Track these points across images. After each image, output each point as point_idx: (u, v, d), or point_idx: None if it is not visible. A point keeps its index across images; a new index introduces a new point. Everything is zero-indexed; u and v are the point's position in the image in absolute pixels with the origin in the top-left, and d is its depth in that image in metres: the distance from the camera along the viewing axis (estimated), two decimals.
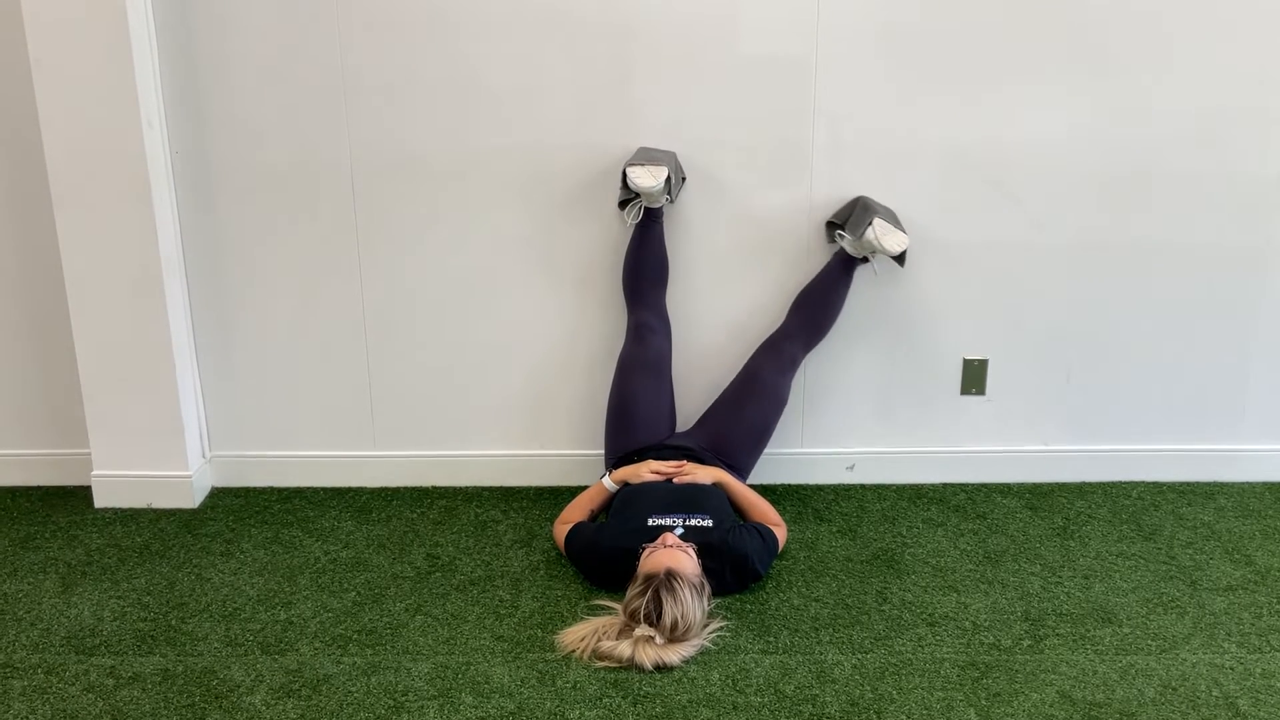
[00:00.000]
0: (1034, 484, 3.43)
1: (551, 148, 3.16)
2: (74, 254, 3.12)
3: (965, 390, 3.37)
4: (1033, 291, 3.29)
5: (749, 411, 3.15)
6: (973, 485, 3.42)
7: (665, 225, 3.16)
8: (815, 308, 3.20)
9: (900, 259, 3.07)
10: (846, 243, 3.09)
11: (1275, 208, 3.22)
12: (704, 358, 3.33)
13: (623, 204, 3.11)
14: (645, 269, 3.16)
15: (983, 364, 3.35)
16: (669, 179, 2.96)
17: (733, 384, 3.22)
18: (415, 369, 3.37)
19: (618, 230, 3.21)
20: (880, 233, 2.98)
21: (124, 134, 3.01)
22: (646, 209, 3.08)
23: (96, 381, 3.22)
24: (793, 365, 3.20)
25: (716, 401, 3.23)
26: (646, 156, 3.03)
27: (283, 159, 3.18)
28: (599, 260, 3.25)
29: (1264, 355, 3.35)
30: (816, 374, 3.35)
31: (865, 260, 3.14)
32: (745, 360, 3.23)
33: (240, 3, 3.05)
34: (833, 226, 3.17)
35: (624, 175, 2.97)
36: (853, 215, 3.10)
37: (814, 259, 3.24)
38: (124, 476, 3.30)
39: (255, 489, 3.44)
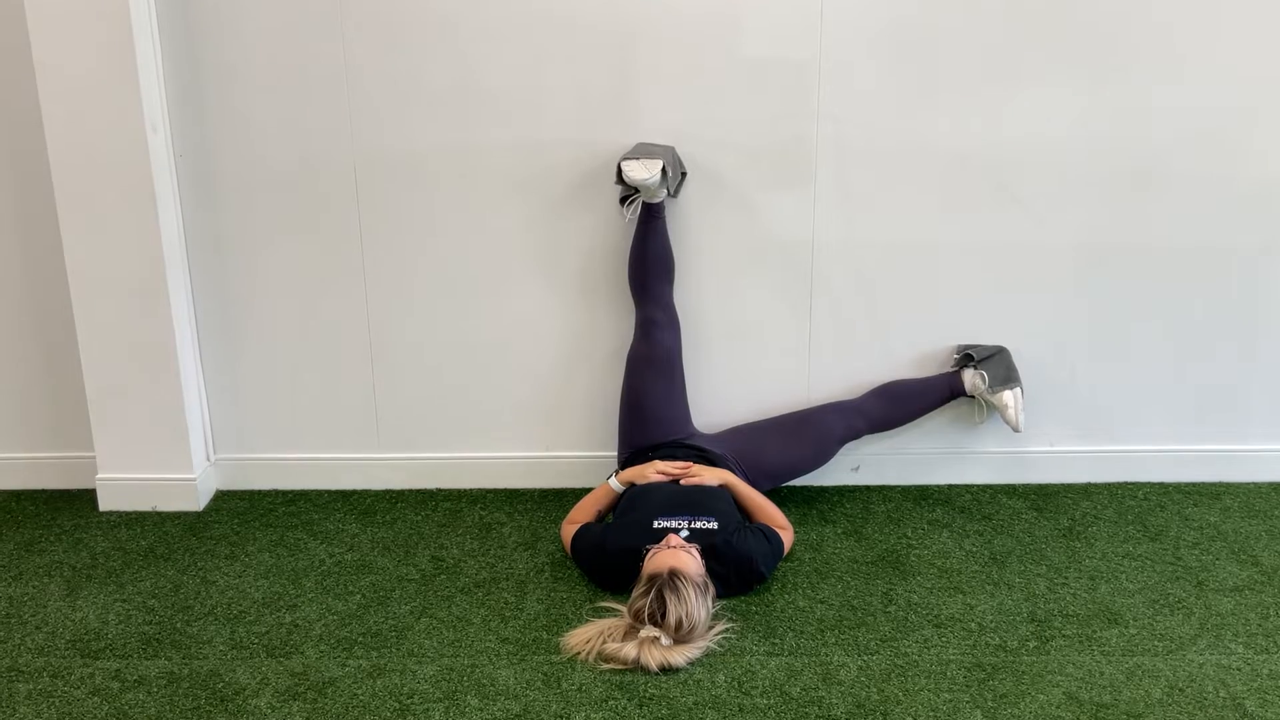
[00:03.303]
0: (1039, 485, 3.42)
1: (555, 149, 3.16)
2: (78, 257, 3.12)
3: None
4: (1036, 292, 3.28)
5: (796, 451, 3.18)
6: (978, 486, 3.42)
7: (669, 222, 3.16)
8: (900, 406, 3.25)
9: (1016, 425, 3.19)
10: (976, 384, 3.16)
11: (1278, 206, 3.21)
12: (707, 358, 3.33)
13: (623, 200, 3.11)
14: (650, 265, 3.16)
15: None
16: (665, 171, 2.95)
17: (788, 419, 3.23)
18: (420, 370, 3.36)
19: (622, 230, 3.20)
20: (1017, 407, 3.14)
21: (127, 136, 3.01)
22: (646, 204, 3.08)
23: (101, 384, 3.22)
24: (852, 437, 3.25)
25: (763, 425, 3.24)
26: (642, 150, 3.03)
27: (286, 161, 3.18)
28: (604, 260, 3.25)
29: (1269, 355, 3.35)
30: (820, 375, 3.35)
31: (973, 397, 3.22)
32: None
33: (243, 4, 3.05)
34: (968, 358, 3.22)
35: (619, 169, 2.97)
36: (994, 361, 3.18)
37: (817, 260, 3.24)
38: (128, 480, 3.31)
39: (260, 492, 3.44)
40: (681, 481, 2.96)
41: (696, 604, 2.54)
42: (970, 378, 3.19)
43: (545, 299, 3.29)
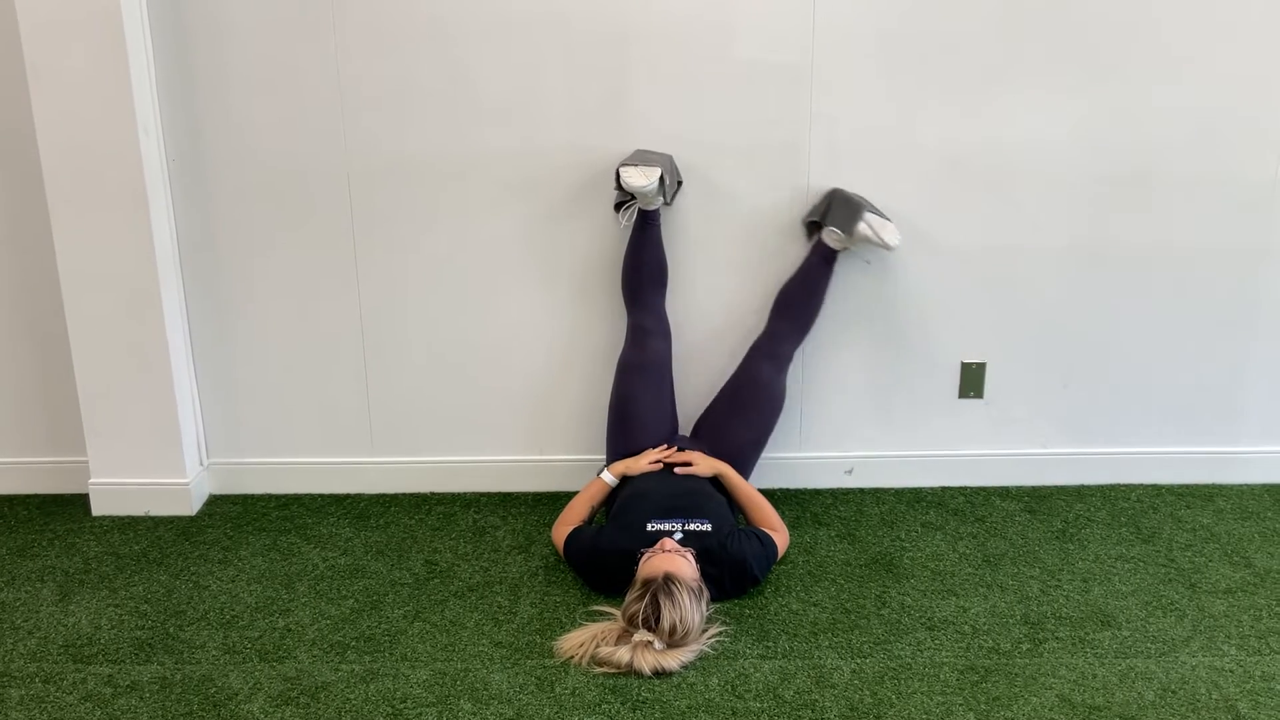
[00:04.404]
0: (1032, 487, 3.42)
1: (549, 153, 3.16)
2: (71, 261, 3.11)
3: (963, 394, 3.37)
4: (1031, 294, 3.29)
5: (751, 417, 3.16)
6: (971, 488, 3.42)
7: (663, 228, 3.16)
8: (801, 306, 3.19)
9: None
10: (836, 239, 3.08)
11: (1273, 209, 3.22)
12: (702, 361, 3.33)
13: (618, 206, 3.11)
14: (643, 272, 3.16)
15: (981, 367, 3.35)
16: (663, 180, 2.95)
17: (729, 391, 3.21)
18: (413, 374, 3.36)
19: (615, 234, 3.21)
20: (877, 227, 3.00)
21: (120, 140, 3.01)
22: (642, 211, 3.08)
23: (94, 389, 3.22)
24: (787, 364, 3.20)
25: (712, 410, 3.23)
26: (641, 157, 3.03)
27: (279, 165, 3.17)
28: (596, 265, 3.25)
29: (1262, 357, 3.35)
30: (814, 378, 3.35)
31: (845, 249, 3.14)
32: (737, 365, 3.23)
33: (236, 8, 3.05)
34: (814, 225, 3.16)
35: (617, 175, 2.97)
36: (832, 210, 3.09)
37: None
38: (121, 484, 3.30)
39: (253, 496, 3.43)
40: (677, 469, 2.97)
41: (691, 609, 2.54)
42: (828, 236, 3.10)
43: (538, 303, 3.29)
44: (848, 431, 3.41)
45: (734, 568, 2.76)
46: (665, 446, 3.09)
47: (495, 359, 3.35)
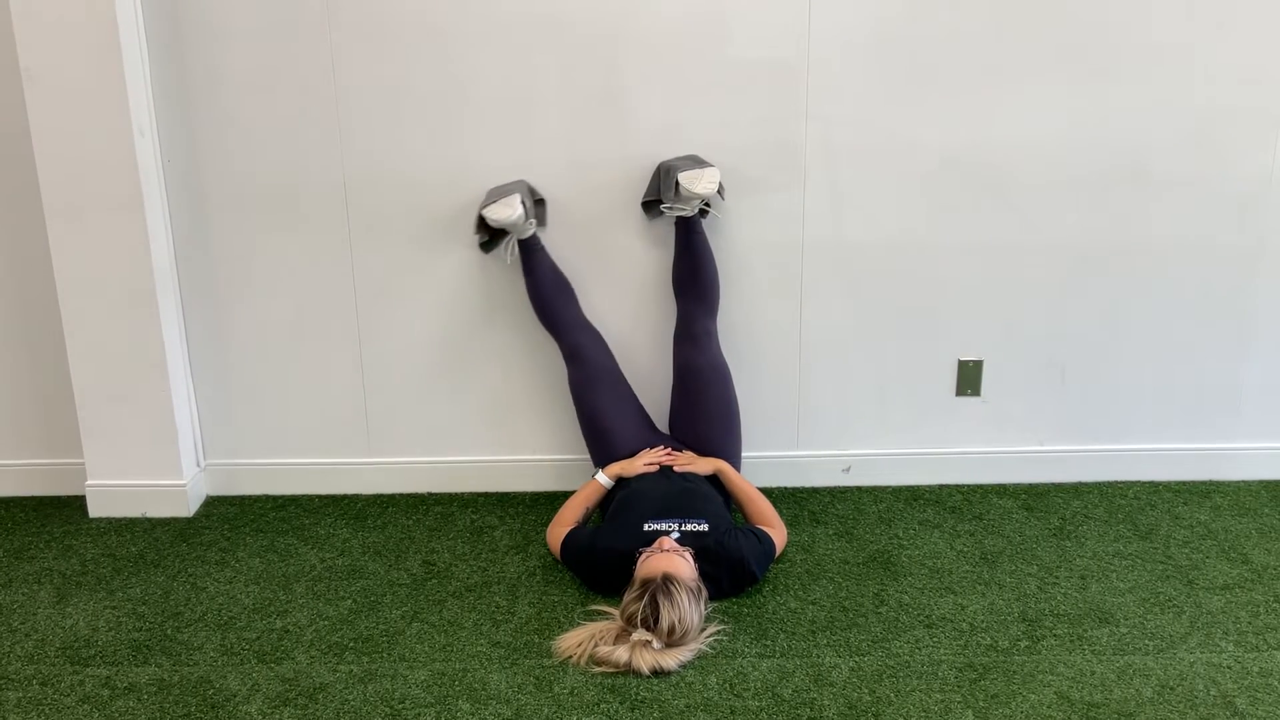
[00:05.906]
0: (1030, 484, 3.43)
1: (544, 154, 3.15)
2: (66, 263, 3.11)
3: (960, 392, 3.37)
4: (1027, 292, 3.29)
5: (707, 403, 3.13)
6: (969, 486, 3.42)
7: (665, 229, 3.16)
8: (697, 281, 3.15)
9: (720, 192, 3.04)
10: (675, 211, 3.06)
11: (1269, 207, 3.22)
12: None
13: (486, 246, 3.13)
14: (549, 295, 3.16)
15: (978, 365, 3.35)
16: (524, 203, 2.97)
17: (676, 388, 3.20)
18: (409, 375, 3.36)
19: (607, 232, 3.20)
20: (689, 183, 2.96)
21: (115, 143, 3.01)
22: (521, 243, 3.09)
23: (90, 391, 3.21)
24: (713, 339, 3.17)
25: (674, 413, 3.21)
26: (496, 193, 3.04)
27: (275, 167, 3.17)
28: (590, 264, 3.24)
29: (1259, 354, 3.36)
30: (812, 376, 3.35)
31: (705, 212, 3.12)
32: (672, 363, 3.22)
33: (231, 12, 3.05)
34: (652, 204, 3.14)
35: (481, 220, 2.98)
36: (661, 186, 3.08)
37: (807, 261, 3.24)
38: (118, 486, 3.29)
39: (250, 497, 3.43)
40: (676, 468, 2.97)
41: (689, 609, 2.54)
42: (669, 213, 3.08)
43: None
44: (845, 429, 3.41)
45: (732, 566, 2.76)
46: (662, 448, 3.09)
47: (490, 359, 3.34)
